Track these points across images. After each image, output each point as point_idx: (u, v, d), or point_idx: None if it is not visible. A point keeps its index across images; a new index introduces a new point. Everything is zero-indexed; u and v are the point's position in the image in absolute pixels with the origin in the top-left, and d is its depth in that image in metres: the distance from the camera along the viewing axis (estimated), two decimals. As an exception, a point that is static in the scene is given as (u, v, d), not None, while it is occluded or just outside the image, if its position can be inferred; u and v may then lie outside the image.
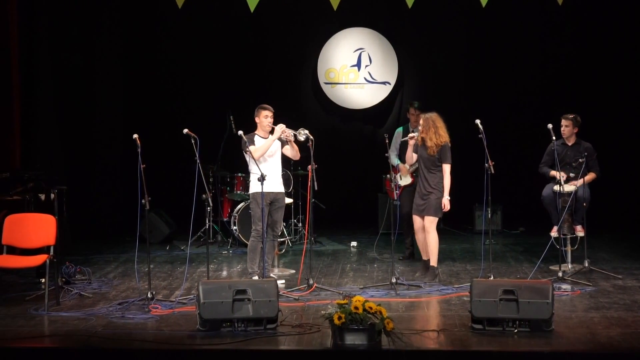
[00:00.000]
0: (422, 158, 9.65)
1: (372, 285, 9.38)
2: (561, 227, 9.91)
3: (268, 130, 9.40)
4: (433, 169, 9.59)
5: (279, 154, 9.52)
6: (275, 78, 14.44)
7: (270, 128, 9.38)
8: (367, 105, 14.73)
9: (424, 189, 9.62)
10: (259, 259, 9.29)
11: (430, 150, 9.56)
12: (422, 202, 9.62)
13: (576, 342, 7.06)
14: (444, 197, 9.56)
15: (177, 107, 14.08)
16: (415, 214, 9.71)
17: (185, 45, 14.36)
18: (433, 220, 9.62)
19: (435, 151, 9.55)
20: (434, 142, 9.55)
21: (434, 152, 9.55)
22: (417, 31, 14.49)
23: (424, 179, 9.63)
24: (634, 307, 8.21)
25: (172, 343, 7.11)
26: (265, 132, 9.42)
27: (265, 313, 7.40)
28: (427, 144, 9.58)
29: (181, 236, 12.40)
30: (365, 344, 6.84)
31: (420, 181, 9.67)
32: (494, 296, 7.33)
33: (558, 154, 9.86)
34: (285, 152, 9.57)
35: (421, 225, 9.67)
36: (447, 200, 9.55)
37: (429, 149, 9.56)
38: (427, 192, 9.59)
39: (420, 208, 9.64)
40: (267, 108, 9.43)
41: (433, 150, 9.55)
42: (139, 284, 9.21)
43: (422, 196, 9.62)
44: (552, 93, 13.99)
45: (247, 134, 9.32)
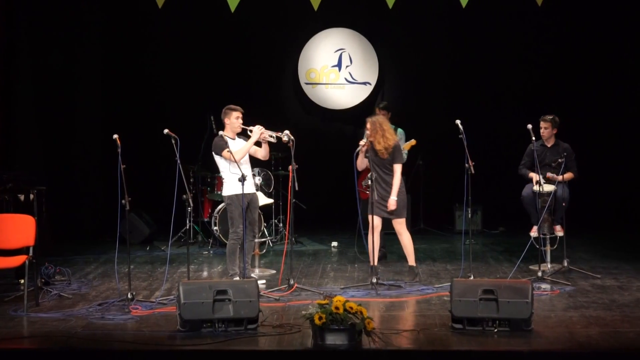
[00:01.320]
0: (375, 162, 9.52)
1: (353, 285, 9.39)
2: (541, 226, 9.96)
3: (238, 131, 9.36)
4: (389, 171, 9.53)
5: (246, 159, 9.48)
6: (255, 78, 14.42)
7: (241, 129, 9.34)
8: (348, 106, 14.74)
9: (384, 191, 9.55)
10: (239, 260, 9.27)
11: (381, 154, 9.48)
12: (383, 206, 9.52)
13: (555, 342, 7.10)
14: (392, 197, 9.49)
15: (157, 108, 14.03)
16: (370, 214, 9.51)
17: (165, 45, 14.33)
18: (402, 221, 9.61)
19: (386, 154, 9.49)
20: (382, 145, 9.46)
21: (386, 155, 9.49)
22: (398, 32, 14.51)
23: (382, 182, 9.55)
24: (612, 307, 8.26)
25: (152, 344, 7.09)
26: (234, 133, 9.37)
27: (245, 313, 7.40)
28: (376, 147, 9.50)
29: (161, 237, 12.37)
30: (346, 344, 6.85)
31: (378, 184, 9.54)
32: (474, 296, 7.36)
33: (537, 155, 9.91)
34: (255, 154, 9.52)
35: (378, 225, 9.59)
36: (394, 200, 9.48)
37: (380, 153, 9.48)
38: (385, 195, 9.53)
39: (383, 211, 9.56)
40: (237, 109, 9.36)
41: (383, 154, 9.47)
42: (119, 284, 9.17)
43: (383, 200, 9.53)
44: (532, 94, 14.04)
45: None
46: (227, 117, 9.37)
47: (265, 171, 11.87)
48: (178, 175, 8.66)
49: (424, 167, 13.03)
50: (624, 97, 13.63)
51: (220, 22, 13.69)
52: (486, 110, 14.18)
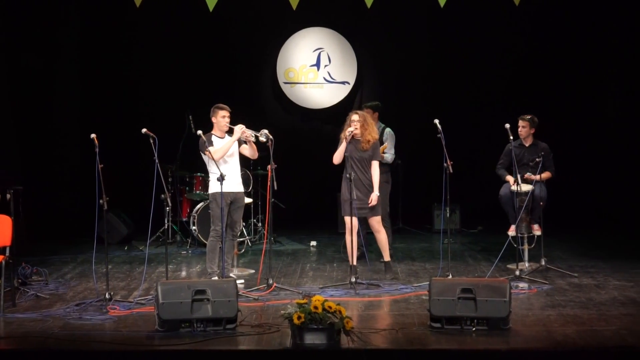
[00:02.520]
0: (355, 157, 9.53)
1: (332, 284, 9.40)
2: (518, 226, 10.00)
3: (225, 130, 9.37)
4: (367, 168, 9.58)
5: (237, 153, 9.51)
6: (234, 77, 14.40)
7: (228, 128, 9.35)
8: (327, 105, 14.75)
9: (362, 189, 9.54)
10: (218, 259, 9.27)
11: (365, 146, 9.52)
12: (362, 204, 9.51)
13: (533, 340, 7.13)
14: (374, 192, 9.54)
15: (135, 107, 13.98)
16: (347, 214, 9.49)
17: (143, 45, 14.29)
18: (379, 219, 9.67)
19: (368, 147, 9.54)
20: (372, 136, 9.58)
21: (367, 147, 9.54)
22: (376, 31, 14.53)
23: (361, 179, 9.55)
24: (589, 305, 8.31)
25: (130, 344, 7.07)
26: (222, 132, 9.39)
27: (224, 313, 7.39)
28: (364, 138, 9.54)
29: (140, 236, 12.32)
30: (325, 344, 6.86)
31: (356, 182, 9.48)
32: (452, 295, 7.38)
33: (515, 155, 9.95)
34: (243, 152, 9.54)
35: (355, 225, 9.53)
36: (376, 196, 9.54)
37: (363, 145, 9.53)
38: (366, 193, 9.56)
39: (361, 210, 9.55)
40: (224, 108, 9.41)
41: (366, 146, 9.53)
42: (97, 284, 9.14)
43: (361, 198, 9.50)
44: (510, 93, 14.10)
45: (204, 134, 9.29)
46: (213, 115, 9.41)
47: (244, 170, 11.82)
48: (156, 174, 8.63)
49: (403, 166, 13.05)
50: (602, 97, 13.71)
51: (198, 22, 13.65)
52: (464, 110, 14.22)
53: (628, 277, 9.67)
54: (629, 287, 9.13)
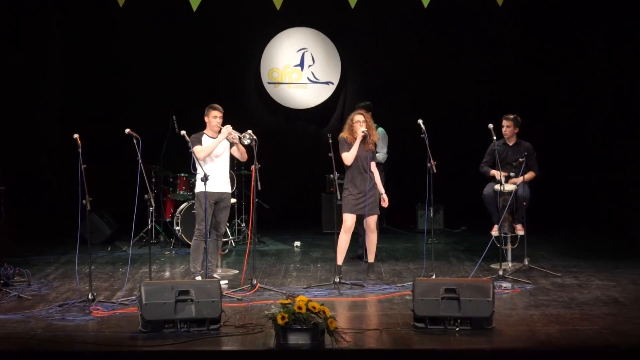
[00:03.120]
0: (360, 158, 9.65)
1: (316, 285, 9.40)
2: (502, 226, 10.03)
3: (216, 130, 9.38)
4: (370, 168, 9.69)
5: (227, 154, 9.50)
6: (218, 77, 14.37)
7: (219, 128, 9.35)
8: (311, 105, 14.75)
9: (364, 188, 9.63)
10: (202, 259, 9.26)
11: (371, 146, 9.68)
12: (366, 202, 9.63)
13: (516, 340, 7.16)
14: (384, 194, 9.68)
15: (118, 107, 13.93)
16: (353, 212, 9.67)
17: (126, 44, 14.24)
18: (376, 219, 9.72)
19: (373, 146, 9.71)
20: (376, 137, 9.81)
21: (372, 148, 9.71)
22: (360, 31, 14.54)
23: (364, 178, 9.65)
24: (572, 305, 8.34)
25: (113, 345, 7.04)
26: (214, 132, 9.40)
27: (208, 314, 7.38)
28: (370, 139, 9.69)
29: (123, 237, 12.28)
30: (309, 344, 6.85)
31: (359, 181, 9.65)
32: (436, 295, 7.40)
33: (499, 154, 9.98)
34: (233, 153, 9.55)
35: (353, 224, 9.67)
36: (386, 196, 9.68)
37: (368, 145, 9.65)
38: (369, 192, 9.63)
39: (363, 208, 9.64)
40: (216, 108, 9.41)
41: (372, 147, 9.69)
42: (80, 285, 9.10)
43: (367, 196, 9.62)
44: (494, 93, 14.14)
45: (191, 134, 9.28)
46: (206, 115, 9.46)
47: (227, 171, 11.83)
48: (140, 175, 8.61)
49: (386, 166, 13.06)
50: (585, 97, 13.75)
51: (182, 21, 13.61)
52: (448, 110, 14.25)
53: (610, 276, 9.72)
54: (611, 287, 9.17)
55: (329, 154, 9.40)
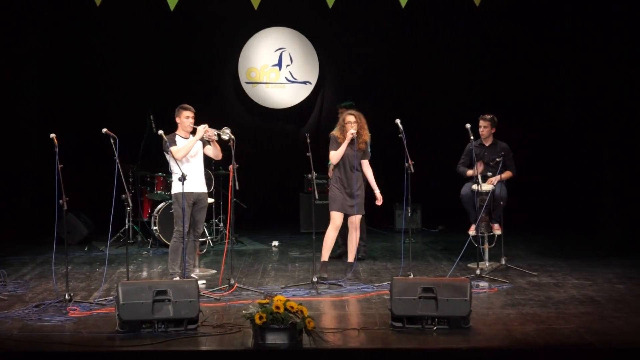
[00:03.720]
0: (349, 156, 9.69)
1: (294, 284, 9.40)
2: (479, 225, 10.07)
3: (189, 130, 9.35)
4: (358, 167, 9.72)
5: (201, 154, 9.48)
6: (196, 77, 14.35)
7: (192, 128, 9.32)
8: (289, 105, 14.76)
9: (352, 187, 9.67)
10: (180, 260, 9.24)
11: (362, 145, 9.71)
12: (354, 202, 9.66)
13: (493, 339, 7.19)
14: (377, 191, 9.77)
15: (95, 106, 13.87)
16: (341, 210, 9.73)
17: (103, 44, 14.18)
18: (361, 218, 9.74)
19: (364, 146, 9.74)
20: (368, 136, 9.82)
21: (364, 147, 9.75)
22: (338, 31, 14.55)
23: (352, 177, 9.69)
24: (548, 304, 8.39)
25: (90, 345, 7.01)
26: (186, 132, 9.37)
27: (185, 314, 7.36)
28: (362, 139, 9.72)
29: (100, 237, 12.24)
30: (287, 344, 6.86)
31: (346, 180, 9.70)
32: (413, 294, 7.42)
33: (476, 154, 10.02)
34: (207, 152, 9.52)
35: (341, 222, 9.73)
36: (379, 193, 9.79)
37: (361, 144, 9.70)
38: (357, 191, 9.65)
39: (351, 207, 9.68)
40: (188, 108, 9.38)
41: (364, 145, 9.72)
42: (57, 285, 9.06)
43: (354, 196, 9.65)
44: (471, 93, 14.19)
45: (167, 134, 9.25)
46: (178, 116, 9.39)
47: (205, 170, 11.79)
48: (117, 174, 8.58)
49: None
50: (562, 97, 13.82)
51: (159, 21, 13.57)
52: (425, 110, 14.29)
53: (586, 275, 9.78)
54: (587, 286, 9.23)
55: (307, 153, 9.40)
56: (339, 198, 9.72)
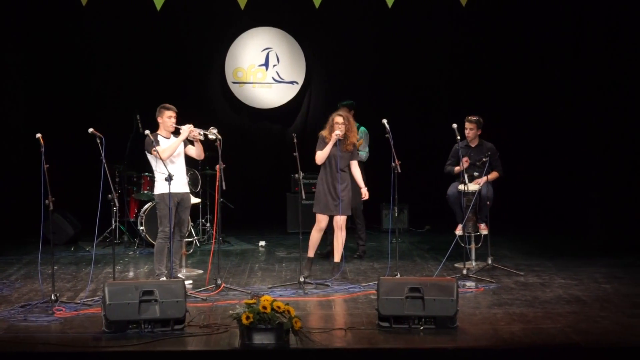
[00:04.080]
0: (335, 157, 9.68)
1: (280, 284, 9.40)
2: (465, 225, 10.10)
3: (172, 130, 9.31)
4: (345, 168, 9.73)
5: (183, 154, 9.45)
6: (182, 77, 14.31)
7: (174, 128, 9.29)
8: (275, 105, 14.74)
9: (337, 188, 9.68)
10: (167, 260, 9.22)
11: (349, 147, 9.72)
12: (337, 202, 9.67)
13: (480, 338, 7.20)
14: (363, 188, 9.79)
15: (82, 106, 13.82)
16: (325, 213, 9.74)
17: (90, 43, 14.13)
18: (345, 219, 9.78)
19: (352, 148, 9.72)
20: (356, 138, 9.85)
21: (351, 149, 9.73)
22: (325, 31, 14.55)
23: (335, 179, 9.70)
24: (535, 303, 8.41)
25: (76, 345, 7.00)
26: (167, 132, 9.32)
27: (172, 314, 7.35)
28: (348, 140, 9.71)
29: (86, 237, 12.19)
30: (274, 344, 6.86)
31: (331, 181, 9.71)
32: (400, 294, 7.43)
33: (462, 154, 10.04)
34: (188, 152, 9.48)
35: (326, 224, 9.75)
36: (365, 190, 9.81)
37: (348, 146, 9.70)
38: (341, 192, 9.67)
39: (335, 207, 9.69)
40: (170, 108, 9.32)
41: (350, 147, 9.72)
42: (43, 286, 9.03)
43: (338, 196, 9.67)
44: (458, 93, 14.22)
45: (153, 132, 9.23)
46: (159, 115, 9.32)
47: (192, 170, 11.79)
48: (103, 174, 8.56)
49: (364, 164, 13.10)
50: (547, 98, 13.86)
51: (146, 21, 13.55)
52: (412, 110, 14.31)
53: (572, 275, 9.81)
54: (573, 286, 9.26)
55: (293, 153, 9.40)
56: (323, 199, 9.72)
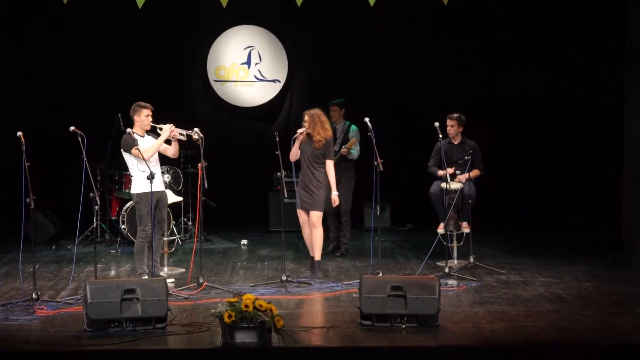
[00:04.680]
0: (307, 154, 9.78)
1: (263, 283, 9.39)
2: (447, 223, 10.12)
3: (148, 129, 9.28)
4: (317, 166, 9.78)
5: (155, 156, 9.42)
6: (164, 75, 14.26)
7: (150, 127, 9.26)
8: (258, 103, 14.72)
9: (309, 184, 9.75)
10: (148, 259, 9.19)
11: (317, 145, 9.73)
12: (309, 197, 9.74)
13: (461, 337, 7.22)
14: (333, 193, 9.74)
15: (63, 104, 13.76)
16: (300, 207, 9.88)
17: (71, 41, 14.06)
18: (320, 215, 9.83)
19: (321, 145, 9.72)
20: (322, 135, 9.76)
21: (320, 147, 9.73)
22: (307, 30, 14.53)
23: (309, 175, 9.78)
24: (517, 302, 8.44)
25: (58, 344, 6.97)
26: (143, 130, 9.29)
27: (154, 312, 7.33)
28: (314, 138, 9.72)
29: (68, 235, 12.16)
30: (256, 342, 6.85)
31: (305, 177, 9.80)
32: (382, 292, 7.44)
33: (445, 153, 10.08)
34: (165, 152, 9.45)
35: (306, 219, 9.79)
36: (336, 195, 9.79)
37: (316, 143, 9.73)
38: (313, 188, 9.71)
39: (307, 203, 9.75)
40: (147, 106, 9.28)
41: (319, 145, 9.72)
42: (24, 284, 8.99)
43: (309, 192, 9.74)
44: (440, 92, 14.24)
45: (136, 132, 9.22)
46: (136, 114, 9.28)
47: (174, 169, 11.77)
48: (85, 173, 8.53)
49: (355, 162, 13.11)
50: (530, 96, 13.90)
51: (127, 18, 13.49)
52: (394, 108, 14.32)
53: (554, 273, 9.86)
54: (554, 284, 9.30)
55: (276, 151, 9.41)
56: (298, 195, 9.89)
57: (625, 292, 8.92)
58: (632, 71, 10.59)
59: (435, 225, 10.41)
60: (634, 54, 10.55)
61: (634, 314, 7.97)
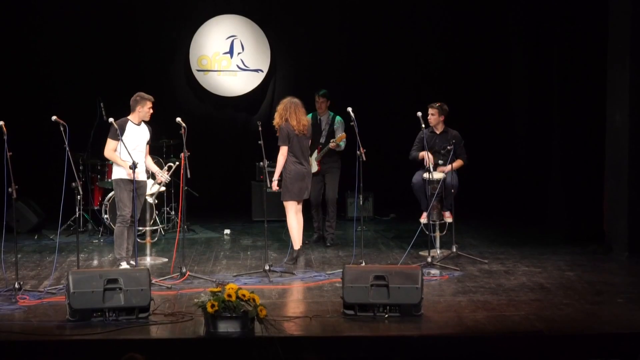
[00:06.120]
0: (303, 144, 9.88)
1: (246, 272, 9.40)
2: (430, 213, 10.13)
3: (147, 119, 9.34)
4: None
5: (143, 146, 9.45)
6: (146, 64, 14.22)
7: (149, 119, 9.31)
8: (240, 93, 14.68)
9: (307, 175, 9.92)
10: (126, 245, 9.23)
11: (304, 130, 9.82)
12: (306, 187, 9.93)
13: (444, 326, 7.25)
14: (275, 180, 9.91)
15: (45, 93, 13.67)
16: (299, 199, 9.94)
17: (52, 29, 13.97)
18: (286, 204, 9.85)
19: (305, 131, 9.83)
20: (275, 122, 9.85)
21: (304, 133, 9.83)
22: (290, 19, 14.51)
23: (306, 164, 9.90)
24: (499, 291, 8.48)
25: (40, 334, 6.96)
26: (139, 120, 9.32)
27: (137, 302, 7.33)
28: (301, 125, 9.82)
29: (50, 225, 12.10)
30: (239, 332, 6.86)
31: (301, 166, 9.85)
32: (365, 282, 7.45)
33: (427, 142, 10.09)
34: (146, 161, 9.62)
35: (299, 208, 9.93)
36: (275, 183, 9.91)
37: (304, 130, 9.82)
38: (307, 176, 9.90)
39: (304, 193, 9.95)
40: (151, 99, 9.40)
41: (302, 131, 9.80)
42: (6, 274, 8.94)
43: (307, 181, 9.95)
44: (423, 82, 14.25)
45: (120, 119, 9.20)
46: (139, 105, 9.33)
47: (156, 158, 11.73)
48: (67, 162, 8.50)
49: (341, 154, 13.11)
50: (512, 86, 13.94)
51: (109, 7, 13.44)
52: (377, 98, 14.31)
53: (536, 263, 9.90)
54: (537, 273, 9.34)
55: (258, 141, 9.40)
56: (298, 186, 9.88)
57: (608, 281, 8.97)
58: (614, 63, 10.62)
59: (418, 215, 10.43)
60: (616, 46, 10.57)
61: (615, 303, 8.03)
